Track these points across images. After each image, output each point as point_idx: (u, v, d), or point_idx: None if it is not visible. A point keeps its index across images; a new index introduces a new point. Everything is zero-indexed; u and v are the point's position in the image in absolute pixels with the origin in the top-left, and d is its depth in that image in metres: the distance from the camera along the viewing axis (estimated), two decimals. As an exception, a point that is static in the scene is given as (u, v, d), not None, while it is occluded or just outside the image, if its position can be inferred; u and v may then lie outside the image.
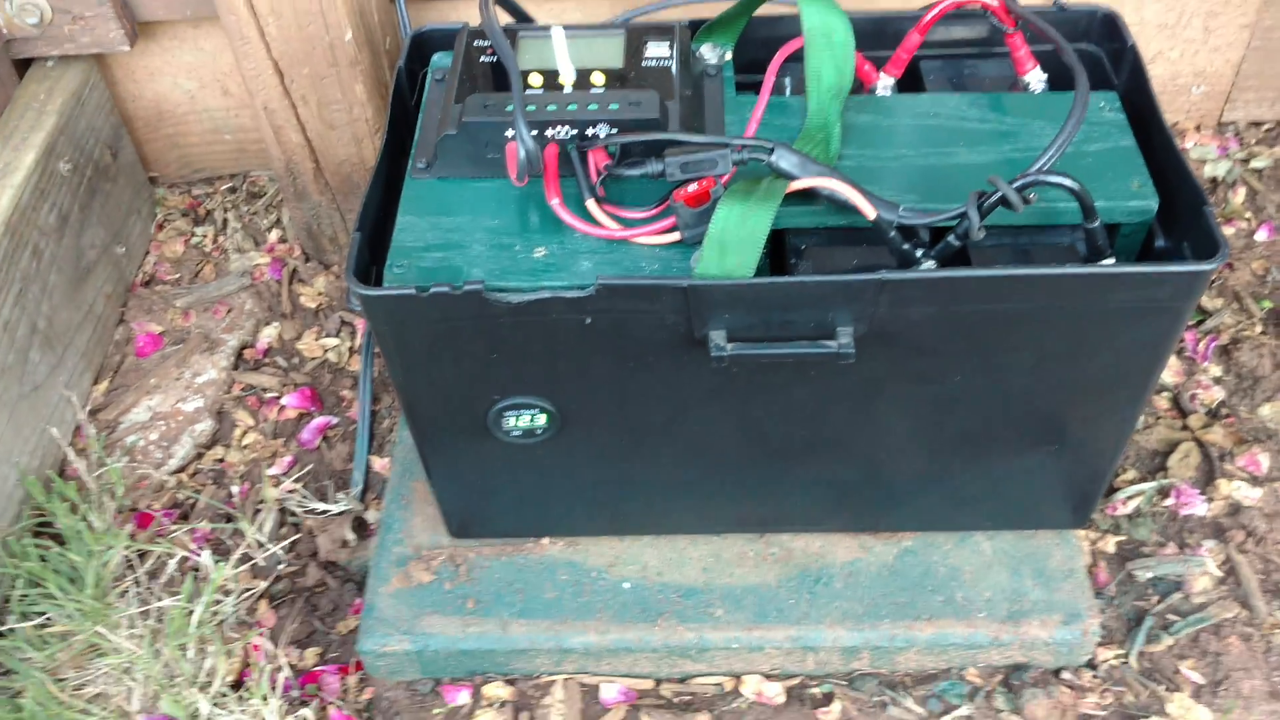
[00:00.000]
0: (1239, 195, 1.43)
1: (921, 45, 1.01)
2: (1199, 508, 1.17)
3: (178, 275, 1.44)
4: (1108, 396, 0.94)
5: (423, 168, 0.94)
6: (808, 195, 0.88)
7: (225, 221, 1.48)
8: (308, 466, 1.27)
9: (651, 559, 1.11)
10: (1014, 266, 0.83)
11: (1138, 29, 1.38)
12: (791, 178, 0.86)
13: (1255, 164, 1.46)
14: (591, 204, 0.89)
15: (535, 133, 0.90)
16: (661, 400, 0.95)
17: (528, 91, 0.92)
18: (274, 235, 1.46)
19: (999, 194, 0.83)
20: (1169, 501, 1.18)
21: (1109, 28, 1.04)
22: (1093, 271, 0.83)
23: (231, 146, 1.47)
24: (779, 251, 0.94)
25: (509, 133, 0.90)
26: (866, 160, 0.94)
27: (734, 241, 0.83)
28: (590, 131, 0.90)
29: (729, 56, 1.03)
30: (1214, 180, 1.45)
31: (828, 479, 1.04)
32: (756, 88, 1.01)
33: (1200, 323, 1.31)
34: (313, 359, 1.36)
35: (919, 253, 0.88)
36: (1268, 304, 1.32)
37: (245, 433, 1.30)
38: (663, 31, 0.98)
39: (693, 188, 0.85)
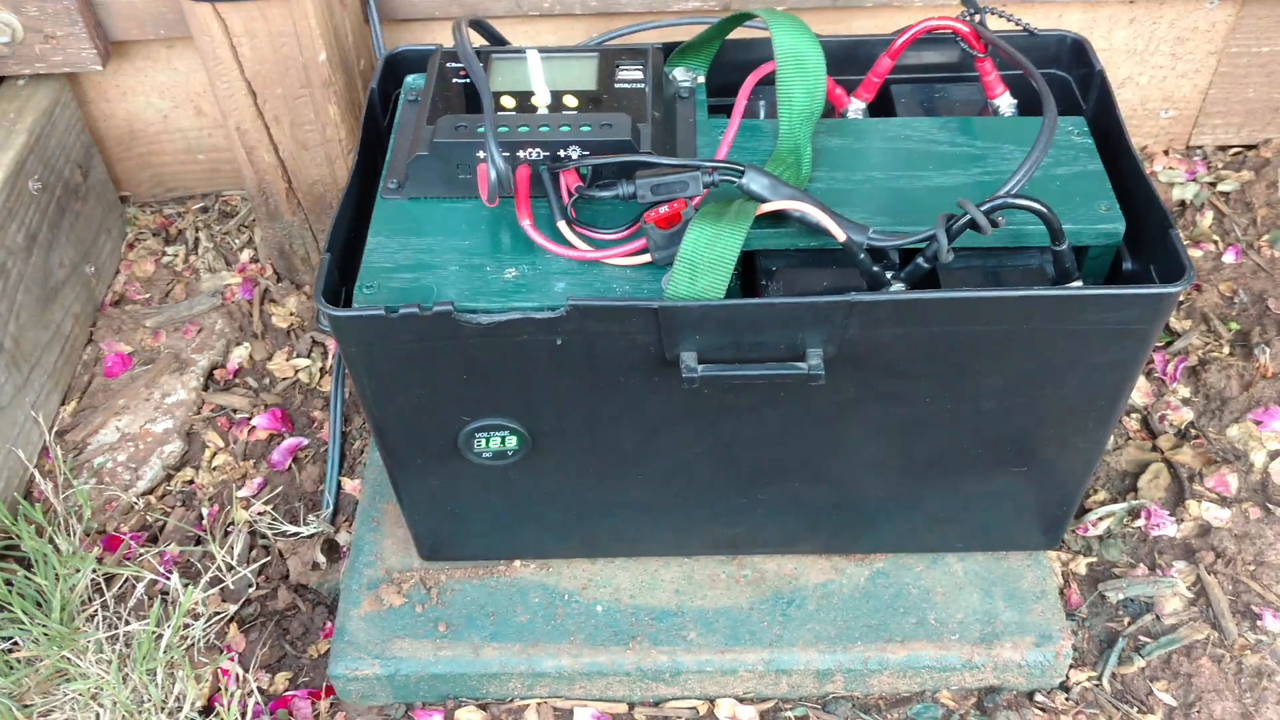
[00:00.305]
0: (1207, 218, 1.44)
1: (892, 69, 1.02)
2: (1169, 528, 1.18)
3: (148, 295, 1.43)
4: (1077, 418, 0.95)
5: (394, 188, 0.94)
6: (778, 217, 0.88)
7: (197, 241, 1.47)
8: (278, 488, 1.26)
9: (624, 581, 1.10)
10: (981, 289, 0.84)
11: (1107, 54, 1.40)
12: (762, 200, 0.87)
13: (1223, 187, 1.47)
14: (563, 225, 0.89)
15: (507, 154, 0.90)
16: (633, 421, 0.95)
17: (500, 113, 0.92)
18: (246, 255, 1.46)
19: (967, 217, 0.83)
20: (1139, 522, 1.19)
21: (1078, 53, 1.05)
22: (1059, 293, 0.84)
23: (204, 166, 1.47)
24: (750, 273, 0.94)
25: (480, 154, 0.90)
26: (837, 183, 0.94)
27: (704, 263, 0.84)
28: (562, 153, 0.90)
29: (701, 79, 1.03)
30: (1182, 203, 1.47)
31: (799, 500, 1.04)
32: (729, 110, 1.02)
33: (1169, 344, 1.32)
34: (284, 379, 1.36)
35: (889, 274, 0.89)
36: (1235, 325, 1.33)
37: (215, 454, 1.29)
38: (635, 54, 0.98)
39: (664, 210, 0.85)
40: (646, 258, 0.88)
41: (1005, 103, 1.03)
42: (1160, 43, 1.39)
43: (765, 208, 0.86)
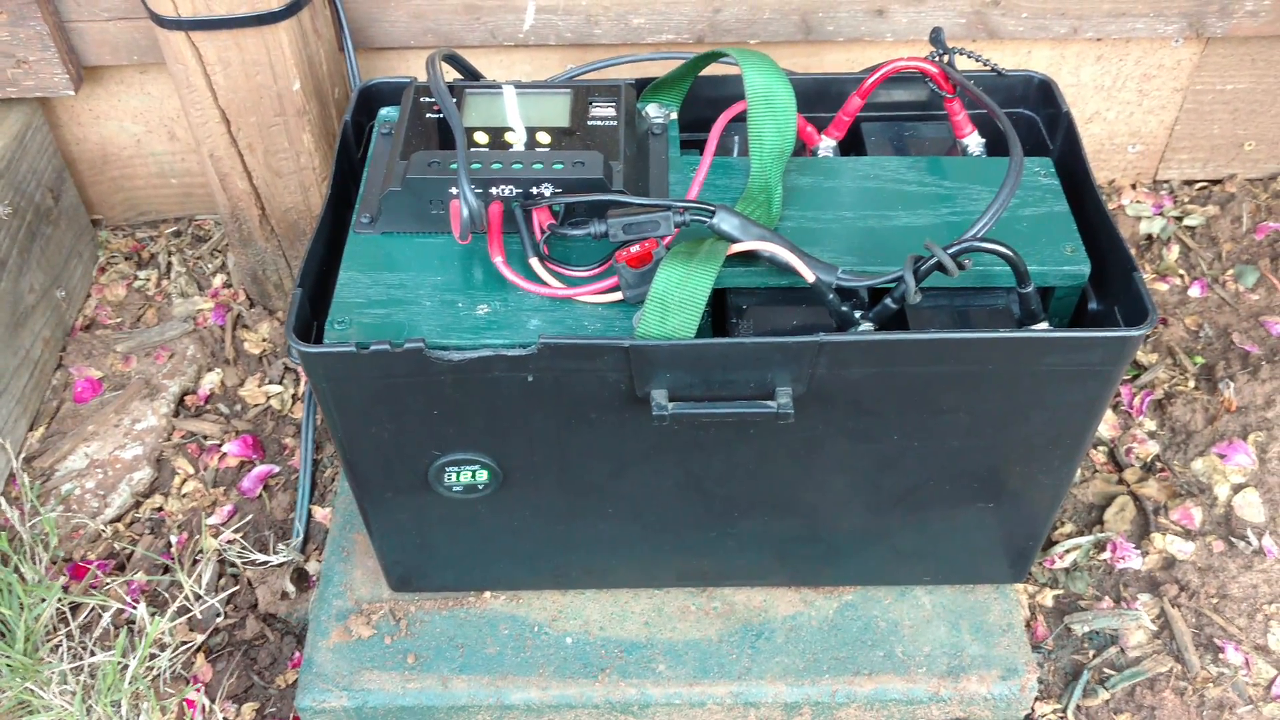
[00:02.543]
0: (1173, 252, 1.46)
1: (863, 108, 1.03)
2: (1134, 561, 1.19)
3: (119, 319, 1.42)
4: (1043, 455, 0.96)
5: (366, 222, 0.94)
6: (749, 256, 0.89)
7: (169, 265, 1.47)
8: (248, 516, 1.26)
9: (594, 613, 1.10)
10: (948, 330, 0.85)
11: (1075, 89, 1.42)
12: (733, 240, 0.87)
13: (1189, 221, 1.50)
14: (535, 262, 0.89)
15: (479, 190, 0.90)
16: (603, 457, 0.95)
17: (472, 149, 0.93)
18: (219, 280, 1.45)
19: (934, 259, 0.84)
20: (1105, 555, 1.20)
21: (1044, 94, 1.07)
22: (1024, 336, 0.85)
23: (177, 190, 1.46)
24: (720, 311, 0.95)
25: (453, 190, 0.91)
26: (808, 221, 0.95)
27: (675, 302, 0.84)
28: (534, 190, 0.90)
29: (674, 116, 1.04)
30: (1149, 237, 1.49)
31: (769, 533, 1.04)
32: (702, 146, 1.03)
33: (1135, 377, 1.34)
34: (255, 406, 1.35)
35: (858, 314, 0.90)
36: (1200, 359, 1.35)
37: (185, 481, 1.29)
38: (608, 91, 0.99)
39: (635, 249, 0.86)
40: (618, 295, 0.88)
41: (974, 142, 1.04)
42: (1127, 79, 1.41)
43: (736, 248, 0.87)
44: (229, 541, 1.22)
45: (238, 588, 1.20)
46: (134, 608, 1.16)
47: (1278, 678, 1.10)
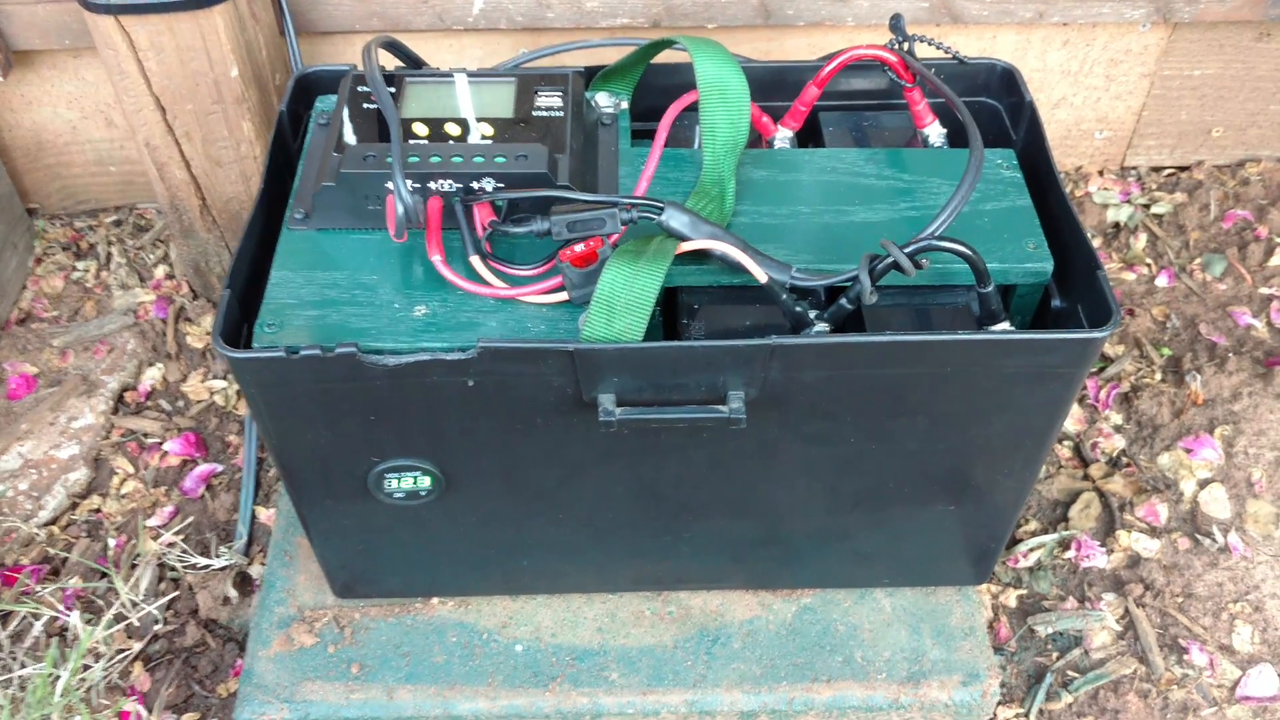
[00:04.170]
0: (1140, 240, 1.44)
1: (820, 97, 1.00)
2: (1099, 559, 1.17)
3: (56, 313, 1.37)
4: (1004, 457, 0.93)
5: (300, 219, 0.90)
6: (700, 254, 0.85)
7: (109, 256, 1.42)
8: (190, 517, 1.22)
9: (545, 619, 1.07)
10: (904, 333, 0.81)
11: (1041, 75, 1.38)
12: (682, 238, 0.84)
13: (1156, 209, 1.47)
14: (476, 260, 0.85)
15: (417, 186, 0.86)
16: (551, 462, 0.91)
17: (411, 142, 0.88)
18: (161, 271, 1.40)
19: (891, 258, 0.81)
20: (1070, 554, 1.17)
21: (1007, 82, 1.03)
22: (983, 338, 0.82)
23: (117, 178, 1.41)
24: (672, 310, 0.91)
25: (389, 185, 0.86)
26: (762, 217, 0.92)
27: (622, 304, 0.81)
28: (475, 185, 0.86)
29: (625, 105, 1.00)
30: (1116, 225, 1.46)
31: (725, 537, 1.01)
32: (652, 138, 0.99)
33: (1102, 370, 1.32)
34: (198, 402, 1.31)
35: (813, 314, 0.86)
36: (1167, 351, 1.33)
37: (124, 481, 1.24)
38: (555, 80, 0.95)
39: (580, 248, 0.82)
40: (563, 296, 0.85)
41: (935, 132, 1.01)
42: (1094, 64, 1.38)
43: (685, 246, 0.83)
44: (169, 545, 1.18)
45: (178, 593, 1.16)
46: (67, 615, 1.11)
47: (1242, 679, 1.08)
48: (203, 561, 1.17)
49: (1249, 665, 1.09)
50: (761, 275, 0.83)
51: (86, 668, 1.08)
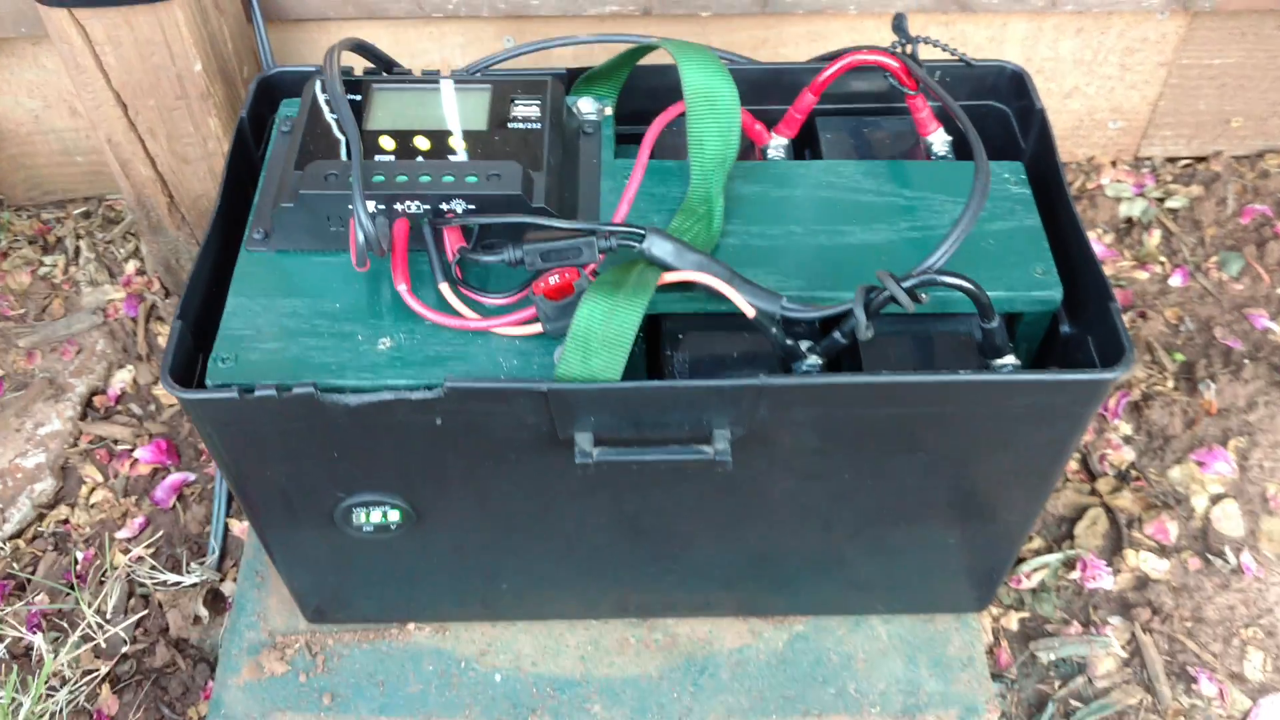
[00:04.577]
0: (1154, 237, 1.38)
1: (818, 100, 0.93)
2: (1105, 580, 1.12)
3: (22, 310, 1.32)
4: (1007, 492, 0.88)
5: (260, 239, 0.84)
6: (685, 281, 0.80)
7: (78, 250, 1.36)
8: (160, 530, 1.17)
9: (526, 647, 1.03)
10: (901, 373, 0.76)
11: (1054, 64, 1.31)
12: (665, 267, 0.78)
13: (1171, 204, 1.41)
14: (445, 288, 0.80)
15: (382, 207, 0.80)
16: (527, 496, 0.86)
17: (377, 158, 0.82)
18: (131, 266, 1.35)
19: (888, 292, 0.75)
20: (1075, 574, 1.13)
21: (1017, 86, 0.97)
22: (984, 380, 0.76)
23: (84, 169, 1.35)
24: (654, 337, 0.86)
25: (352, 207, 0.81)
26: (752, 238, 0.86)
27: (599, 340, 0.75)
28: (445, 206, 0.81)
29: (609, 111, 0.94)
30: (1129, 220, 1.40)
31: (713, 567, 0.97)
32: (640, 140, 0.93)
33: (1111, 377, 1.26)
34: (170, 406, 1.26)
35: (805, 344, 0.81)
36: (1180, 356, 1.27)
37: (93, 490, 1.20)
38: (533, 88, 0.88)
39: (554, 279, 0.76)
40: (537, 328, 0.79)
41: (939, 140, 0.94)
42: (1109, 53, 1.31)
43: (668, 277, 0.77)
44: (138, 559, 1.14)
45: (147, 611, 1.12)
46: (32, 635, 1.07)
47: (1253, 710, 1.04)
48: (173, 578, 1.13)
49: (1261, 695, 1.05)
50: (749, 310, 0.77)
51: (52, 691, 1.04)
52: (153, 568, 1.13)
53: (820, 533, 0.92)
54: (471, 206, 0.81)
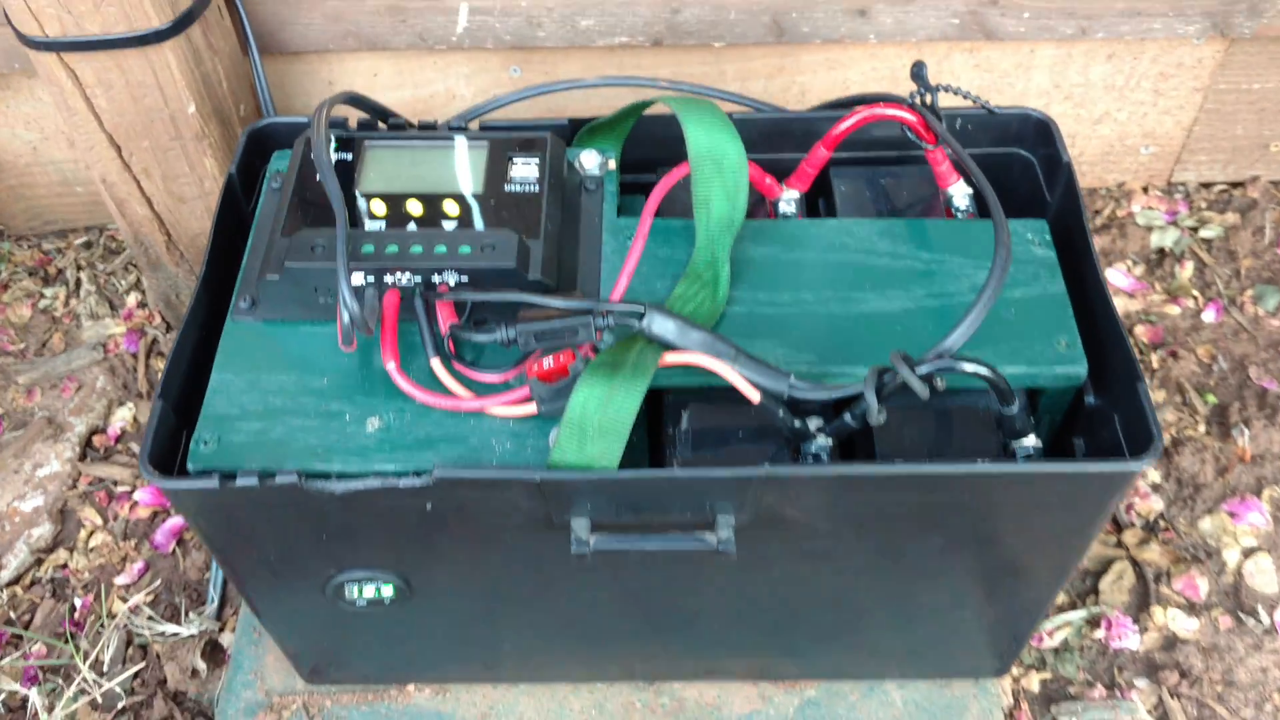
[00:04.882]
0: (1186, 269, 1.32)
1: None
2: (1131, 640, 1.08)
3: (23, 345, 1.29)
4: (1027, 571, 0.84)
5: (246, 308, 0.81)
6: (688, 356, 0.76)
7: (78, 282, 1.33)
8: (160, 575, 1.15)
9: (528, 710, 1.00)
10: (913, 464, 0.72)
11: (1084, 90, 1.26)
12: (667, 346, 0.74)
13: (1205, 233, 1.35)
14: (437, 364, 0.76)
15: (372, 279, 0.77)
16: (524, 576, 0.83)
17: (367, 225, 0.79)
18: (133, 299, 1.32)
19: (900, 378, 0.71)
20: (1099, 633, 1.08)
21: (1043, 134, 0.92)
22: (1002, 471, 0.72)
23: (84, 199, 1.32)
24: (656, 409, 0.82)
25: (341, 278, 0.77)
26: (760, 305, 0.81)
27: (595, 428, 0.71)
28: (437, 278, 0.77)
29: (613, 165, 0.89)
30: (1161, 251, 1.34)
31: (720, 637, 0.93)
32: (646, 191, 0.89)
33: (1140, 420, 1.21)
34: (171, 446, 1.23)
35: (814, 424, 0.77)
36: (1212, 399, 1.22)
37: (92, 533, 1.17)
38: (531, 146, 0.84)
39: (549, 362, 0.73)
40: (532, 409, 0.75)
41: (960, 193, 0.90)
42: (1142, 79, 1.25)
43: (669, 358, 0.74)
44: (135, 609, 1.11)
45: (144, 664, 1.09)
46: (28, 688, 1.05)
47: (1284, 781, 1.00)
48: (171, 629, 1.10)
49: (1291, 765, 1.00)
50: (753, 396, 0.73)
51: (45, 752, 1.02)
52: (150, 618, 1.11)
53: (832, 607, 0.88)
54: (464, 279, 0.77)
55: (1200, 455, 1.18)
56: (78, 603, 1.13)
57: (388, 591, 0.84)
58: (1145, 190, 1.39)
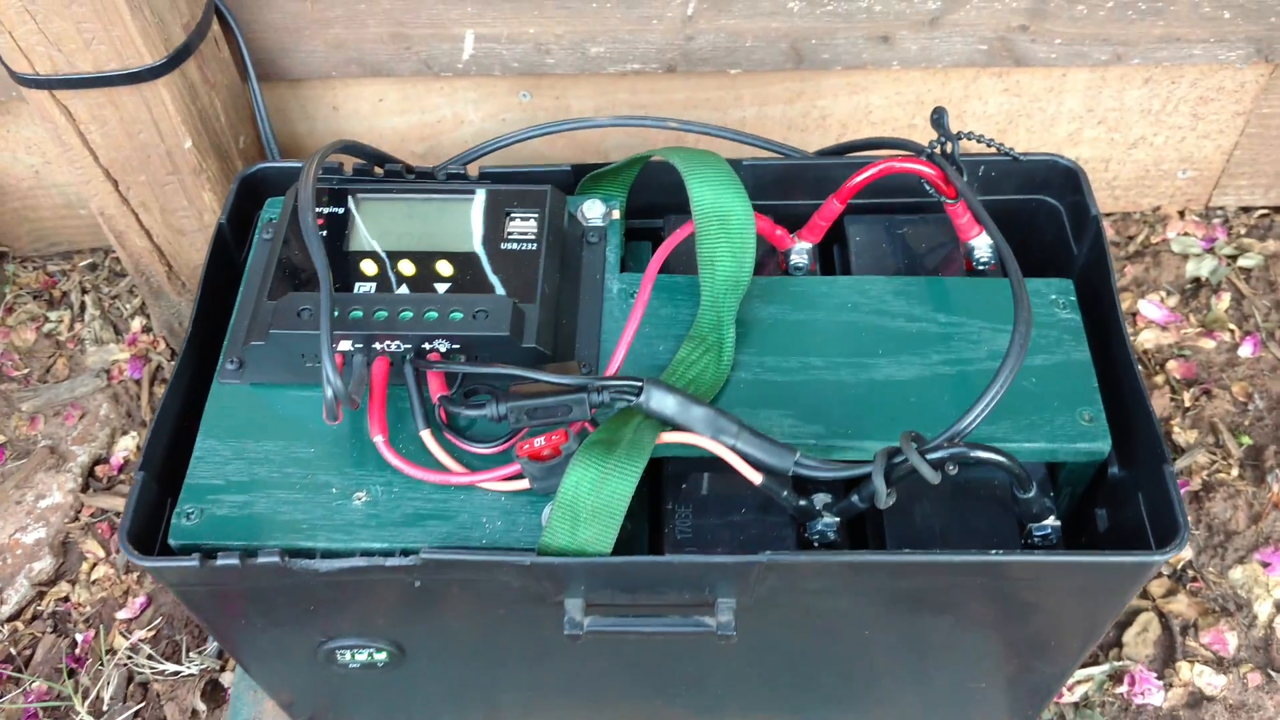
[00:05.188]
0: (1223, 301, 1.27)
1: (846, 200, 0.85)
2: (1155, 696, 1.04)
3: (26, 370, 1.28)
4: (1043, 650, 0.80)
5: (233, 369, 0.78)
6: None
7: (83, 306, 1.31)
8: (162, 610, 1.13)
9: (529, 766, 0.97)
10: (921, 552, 0.68)
11: (1118, 114, 1.21)
12: (665, 423, 0.71)
13: (1244, 262, 1.30)
14: (427, 436, 0.73)
15: (360, 346, 0.74)
16: (519, 645, 0.80)
17: (357, 287, 0.76)
18: (137, 324, 1.30)
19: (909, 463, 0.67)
20: (1122, 689, 1.04)
21: (1071, 182, 0.88)
22: (1016, 561, 0.68)
23: (88, 221, 1.30)
24: (656, 479, 0.79)
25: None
26: (767, 371, 0.78)
27: (588, 512, 0.68)
28: (427, 346, 0.74)
29: (617, 215, 0.86)
30: (1197, 280, 1.29)
31: (724, 699, 0.90)
32: (652, 237, 0.86)
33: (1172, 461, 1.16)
34: (175, 476, 1.21)
35: (820, 502, 0.73)
36: (1247, 440, 1.17)
37: (94, 566, 1.16)
38: (530, 200, 0.81)
39: (540, 442, 0.70)
40: (524, 484, 0.72)
41: (982, 244, 0.86)
42: (1180, 103, 1.20)
43: (667, 437, 0.70)
44: (134, 648, 1.10)
45: (144, 704, 1.08)
46: (27, 731, 1.04)
47: None
48: (171, 668, 1.09)
49: (1321, 835, 0.96)
50: (755, 478, 0.69)
51: (41, 798, 1.00)
52: (150, 656, 1.09)
53: (841, 677, 0.85)
54: (456, 346, 0.74)
55: (1233, 501, 1.13)
56: (79, 638, 1.12)
57: (381, 656, 0.81)
58: (1182, 214, 1.33)
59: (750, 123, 1.20)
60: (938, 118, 0.84)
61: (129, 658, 1.09)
